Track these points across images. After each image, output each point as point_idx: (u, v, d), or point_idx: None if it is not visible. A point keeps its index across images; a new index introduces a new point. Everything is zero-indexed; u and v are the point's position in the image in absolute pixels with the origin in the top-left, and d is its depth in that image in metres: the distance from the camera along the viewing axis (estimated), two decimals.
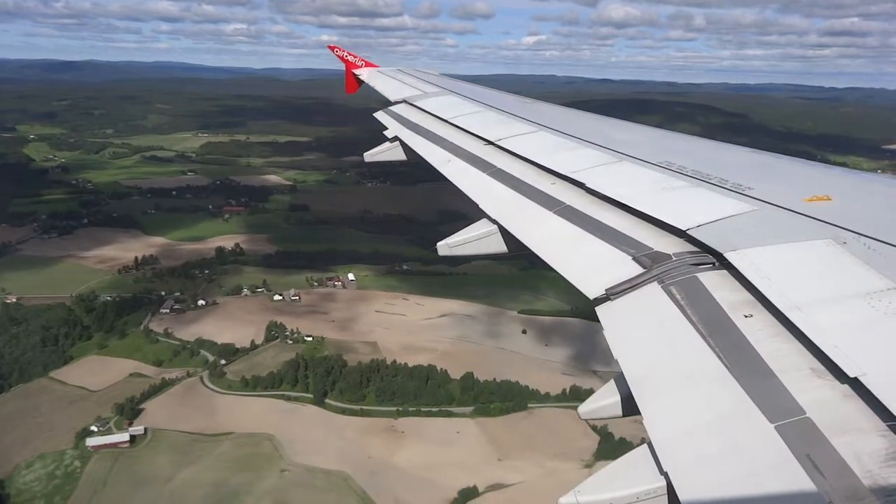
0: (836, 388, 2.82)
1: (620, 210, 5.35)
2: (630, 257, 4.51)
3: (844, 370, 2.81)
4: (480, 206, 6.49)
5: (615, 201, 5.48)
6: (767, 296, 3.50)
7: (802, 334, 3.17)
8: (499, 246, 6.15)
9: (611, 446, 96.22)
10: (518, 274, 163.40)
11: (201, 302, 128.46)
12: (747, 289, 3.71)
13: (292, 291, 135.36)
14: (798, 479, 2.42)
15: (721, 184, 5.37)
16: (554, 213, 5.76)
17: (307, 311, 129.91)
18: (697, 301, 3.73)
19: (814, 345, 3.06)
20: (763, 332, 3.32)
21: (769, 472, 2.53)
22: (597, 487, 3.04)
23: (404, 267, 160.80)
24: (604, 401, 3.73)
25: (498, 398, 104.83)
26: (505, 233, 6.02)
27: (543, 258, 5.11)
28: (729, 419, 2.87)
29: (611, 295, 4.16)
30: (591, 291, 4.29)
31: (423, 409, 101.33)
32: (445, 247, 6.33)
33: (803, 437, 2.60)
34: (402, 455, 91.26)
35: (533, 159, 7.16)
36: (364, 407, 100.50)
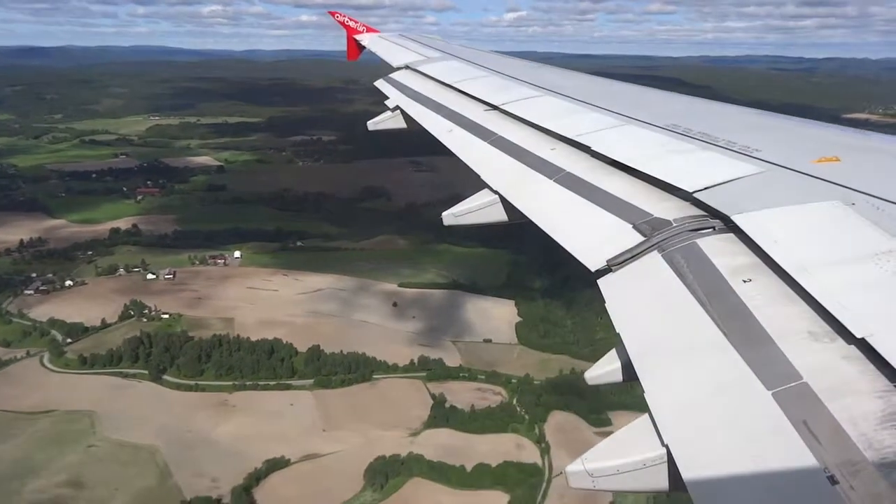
0: (833, 352, 2.82)
1: (624, 175, 5.31)
2: (631, 225, 4.45)
3: (852, 331, 2.80)
4: (482, 176, 6.42)
5: (619, 165, 5.44)
6: (775, 258, 3.46)
7: (805, 297, 3.16)
8: (500, 215, 6.11)
9: (441, 414, 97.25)
10: (418, 248, 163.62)
11: (69, 283, 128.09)
12: (754, 252, 3.66)
13: (167, 270, 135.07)
14: (794, 447, 2.43)
15: (728, 146, 5.32)
16: (554, 181, 5.71)
17: (177, 289, 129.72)
18: (696, 268, 3.70)
19: (818, 307, 3.05)
20: (762, 297, 3.30)
21: (766, 440, 2.53)
22: (603, 455, 3.08)
23: (298, 244, 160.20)
24: (606, 367, 3.79)
25: (342, 370, 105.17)
26: (506, 202, 5.97)
27: (543, 228, 5.05)
28: (726, 388, 2.87)
29: (612, 266, 4.11)
30: (593, 263, 4.23)
31: (260, 382, 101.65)
32: (450, 216, 6.31)
33: (800, 404, 2.59)
34: (224, 429, 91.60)
35: (537, 123, 7.15)
36: (200, 382, 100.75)
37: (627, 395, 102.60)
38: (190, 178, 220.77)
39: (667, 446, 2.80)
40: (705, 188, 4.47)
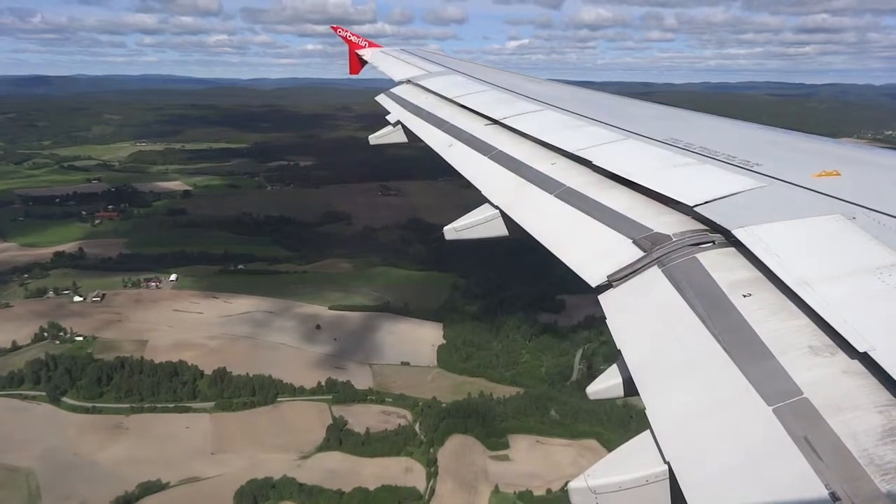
0: (834, 366, 2.83)
1: (624, 189, 5.37)
2: (631, 240, 4.48)
3: (854, 345, 2.81)
4: (482, 191, 6.52)
5: (620, 179, 5.51)
6: (776, 272, 3.49)
7: (806, 311, 3.18)
8: (500, 230, 6.19)
9: (336, 437, 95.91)
10: (362, 271, 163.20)
11: None
12: (755, 266, 3.70)
13: (95, 292, 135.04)
14: (796, 463, 2.41)
15: (729, 160, 5.37)
16: (555, 195, 5.76)
17: (100, 311, 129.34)
18: (696, 283, 3.73)
19: (820, 321, 3.08)
20: (762, 312, 3.32)
21: (768, 457, 2.52)
22: (606, 471, 3.07)
23: (239, 267, 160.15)
24: (607, 383, 3.79)
25: (247, 393, 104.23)
26: (507, 217, 6.06)
27: (544, 244, 5.09)
28: (727, 404, 2.89)
29: (613, 282, 4.15)
30: (593, 279, 4.27)
31: (159, 405, 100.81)
32: (452, 231, 6.35)
33: (801, 419, 2.59)
34: (110, 451, 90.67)
35: (538, 137, 7.24)
36: (98, 405, 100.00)
37: (528, 419, 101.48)
38: (152, 202, 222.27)
39: (668, 463, 2.78)
40: (706, 202, 4.45)
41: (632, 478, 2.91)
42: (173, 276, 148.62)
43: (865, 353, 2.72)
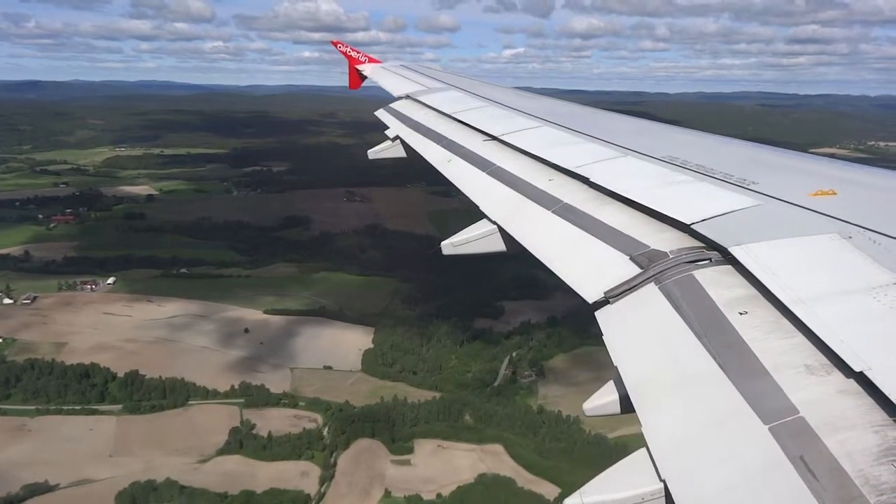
0: (829, 385, 2.83)
1: (622, 206, 5.37)
2: (628, 257, 4.48)
3: (850, 364, 2.80)
4: (480, 206, 6.56)
5: (617, 196, 5.53)
6: (772, 290, 3.49)
7: (801, 330, 3.18)
8: (498, 245, 6.21)
9: (236, 440, 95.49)
10: (307, 275, 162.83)
11: None
12: (751, 284, 3.69)
13: (26, 294, 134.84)
14: (792, 483, 2.39)
15: (726, 178, 5.42)
16: (552, 212, 5.79)
17: (27, 313, 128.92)
18: (693, 300, 3.73)
19: (816, 340, 3.07)
20: (758, 330, 3.32)
21: (763, 476, 2.52)
22: (600, 489, 3.07)
23: (182, 271, 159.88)
24: (604, 399, 3.79)
25: (157, 396, 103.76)
26: (504, 232, 6.08)
27: (541, 259, 5.10)
28: (724, 422, 2.89)
29: (609, 298, 4.15)
30: (590, 295, 4.27)
31: (66, 407, 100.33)
32: (450, 245, 6.35)
33: (797, 438, 2.58)
34: (8, 453, 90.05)
35: (535, 153, 7.27)
36: (4, 406, 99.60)
37: (438, 424, 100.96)
38: (113, 206, 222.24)
39: (664, 481, 2.77)
40: (703, 220, 4.46)
41: (627, 496, 2.88)
42: (111, 280, 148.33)
43: (861, 372, 2.70)
